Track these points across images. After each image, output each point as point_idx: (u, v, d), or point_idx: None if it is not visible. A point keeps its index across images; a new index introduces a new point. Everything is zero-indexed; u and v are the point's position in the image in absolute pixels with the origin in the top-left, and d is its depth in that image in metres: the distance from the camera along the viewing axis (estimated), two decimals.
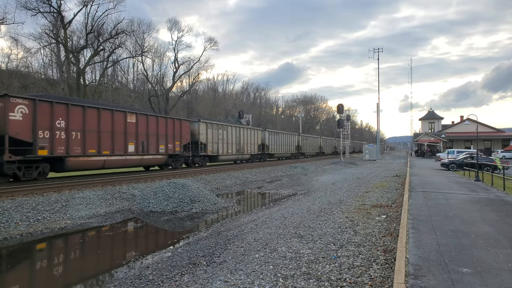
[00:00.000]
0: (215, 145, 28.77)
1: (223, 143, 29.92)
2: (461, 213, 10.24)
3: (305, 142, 55.46)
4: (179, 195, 13.92)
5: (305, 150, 54.86)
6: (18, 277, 7.33)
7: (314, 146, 60.85)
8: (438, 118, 78.12)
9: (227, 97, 79.06)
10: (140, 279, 6.39)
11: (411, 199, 12.87)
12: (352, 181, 22.78)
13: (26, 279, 7.22)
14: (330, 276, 5.91)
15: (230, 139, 31.36)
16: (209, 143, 27.75)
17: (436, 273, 5.38)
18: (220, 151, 29.41)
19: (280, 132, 46.27)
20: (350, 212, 11.60)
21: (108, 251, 9.08)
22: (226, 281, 5.82)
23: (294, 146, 50.04)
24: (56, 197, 12.84)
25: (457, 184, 18.80)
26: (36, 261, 8.23)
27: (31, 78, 38.17)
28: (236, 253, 7.52)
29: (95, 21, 42.34)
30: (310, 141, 58.68)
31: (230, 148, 31.28)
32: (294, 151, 50.04)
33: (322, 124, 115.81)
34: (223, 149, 30.01)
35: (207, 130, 27.63)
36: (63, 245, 9.49)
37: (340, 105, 59.20)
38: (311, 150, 59.10)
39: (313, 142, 60.97)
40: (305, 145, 55.16)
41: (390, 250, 7.13)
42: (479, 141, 53.18)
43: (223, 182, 21.74)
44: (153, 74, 56.23)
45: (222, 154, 30.01)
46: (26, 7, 36.55)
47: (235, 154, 32.68)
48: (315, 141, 62.49)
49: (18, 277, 7.33)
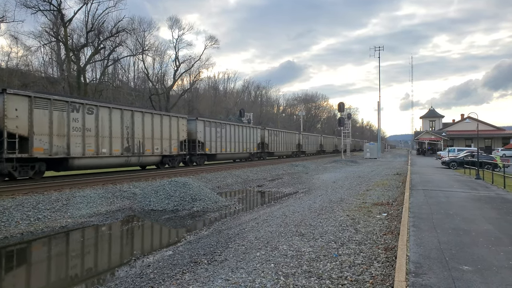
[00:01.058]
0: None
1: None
2: (462, 211, 10.24)
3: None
4: (180, 193, 13.93)
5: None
6: (19, 275, 7.34)
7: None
8: (439, 116, 78.05)
9: (228, 95, 79.02)
10: (141, 278, 6.40)
11: (412, 197, 12.87)
12: (353, 179, 22.78)
13: (27, 278, 7.23)
14: (331, 274, 5.91)
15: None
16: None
17: (437, 271, 5.39)
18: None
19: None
20: (351, 210, 11.60)
21: (109, 250, 9.09)
22: (227, 280, 5.83)
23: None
24: (56, 196, 12.86)
25: (458, 182, 18.80)
26: (37, 260, 8.24)
27: (31, 76, 38.16)
28: (237, 251, 7.53)
29: (96, 19, 42.35)
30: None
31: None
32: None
33: (323, 123, 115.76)
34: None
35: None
36: (64, 244, 9.50)
37: (341, 103, 59.13)
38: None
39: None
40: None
41: (391, 248, 7.14)
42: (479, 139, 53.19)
43: (224, 181, 21.74)
44: (154, 72, 56.26)
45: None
46: (26, 5, 36.56)
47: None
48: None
49: (19, 275, 7.34)
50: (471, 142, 59.89)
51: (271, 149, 41.06)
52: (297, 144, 50.85)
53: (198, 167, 25.31)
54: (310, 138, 58.96)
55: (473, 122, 39.36)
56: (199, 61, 57.22)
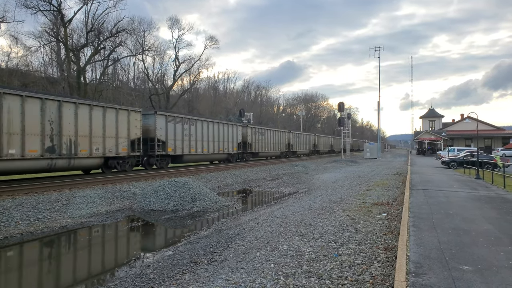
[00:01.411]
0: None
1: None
2: (462, 211, 10.24)
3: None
4: (180, 193, 13.93)
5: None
6: (19, 276, 7.33)
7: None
8: (438, 116, 78.10)
9: (228, 95, 79.00)
10: (141, 278, 6.40)
11: (412, 197, 12.87)
12: (353, 179, 22.78)
13: (27, 278, 7.22)
14: (331, 274, 5.91)
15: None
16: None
17: (437, 271, 5.38)
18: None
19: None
20: (351, 210, 11.60)
21: (109, 250, 9.09)
22: (227, 280, 5.82)
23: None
24: (56, 196, 12.85)
25: (458, 182, 18.80)
26: (37, 260, 8.24)
27: (31, 76, 38.13)
28: (237, 251, 7.53)
29: (96, 20, 42.33)
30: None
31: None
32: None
33: (323, 123, 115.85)
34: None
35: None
36: (64, 244, 9.50)
37: (341, 103, 59.12)
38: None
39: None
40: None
41: (391, 248, 7.13)
42: (479, 139, 53.18)
43: (224, 181, 21.75)
44: (154, 72, 56.26)
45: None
46: (26, 5, 36.54)
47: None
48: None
49: (19, 276, 7.33)
50: (471, 142, 59.90)
51: (255, 149, 37.05)
52: (286, 144, 46.95)
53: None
54: (302, 138, 54.99)
55: (473, 122, 39.35)
56: (199, 61, 57.30)
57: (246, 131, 35.29)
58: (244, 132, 34.88)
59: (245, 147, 35.02)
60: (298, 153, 52.27)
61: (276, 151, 43.39)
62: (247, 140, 35.41)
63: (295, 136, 50.78)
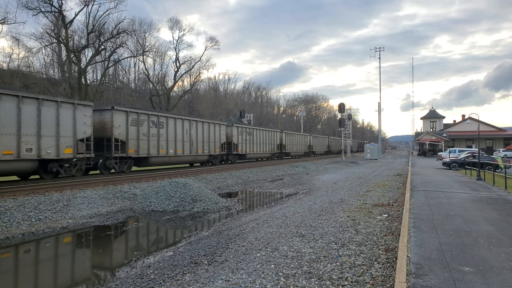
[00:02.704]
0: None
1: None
2: (463, 212, 10.23)
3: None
4: (180, 194, 13.94)
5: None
6: (20, 276, 7.35)
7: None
8: (439, 117, 78.07)
9: (228, 96, 79.07)
10: (141, 278, 6.40)
11: (412, 198, 12.86)
12: (354, 180, 22.76)
13: (28, 278, 7.23)
14: (331, 275, 5.91)
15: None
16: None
17: (437, 272, 5.38)
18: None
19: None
20: (351, 211, 11.60)
21: (110, 250, 9.10)
22: (228, 280, 5.83)
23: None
24: (57, 197, 12.87)
25: (459, 183, 18.77)
26: (38, 260, 8.25)
27: (32, 78, 38.23)
28: (238, 252, 7.53)
29: (96, 21, 42.39)
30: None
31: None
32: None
33: (324, 123, 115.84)
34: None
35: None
36: (65, 245, 9.51)
37: (342, 104, 59.23)
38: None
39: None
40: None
41: (392, 249, 7.13)
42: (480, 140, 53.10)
43: (225, 181, 21.76)
44: (155, 73, 56.33)
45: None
46: (27, 6, 36.58)
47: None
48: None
49: (20, 276, 7.34)
50: (472, 143, 59.82)
51: (243, 150, 34.36)
52: (278, 145, 43.88)
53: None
54: (296, 138, 51.54)
55: (474, 123, 39.33)
56: (200, 62, 57.32)
57: (231, 131, 32.21)
58: (228, 132, 31.93)
59: (230, 148, 32.17)
60: (291, 154, 49.32)
61: (266, 152, 40.28)
62: (232, 140, 32.42)
63: (287, 136, 47.53)
